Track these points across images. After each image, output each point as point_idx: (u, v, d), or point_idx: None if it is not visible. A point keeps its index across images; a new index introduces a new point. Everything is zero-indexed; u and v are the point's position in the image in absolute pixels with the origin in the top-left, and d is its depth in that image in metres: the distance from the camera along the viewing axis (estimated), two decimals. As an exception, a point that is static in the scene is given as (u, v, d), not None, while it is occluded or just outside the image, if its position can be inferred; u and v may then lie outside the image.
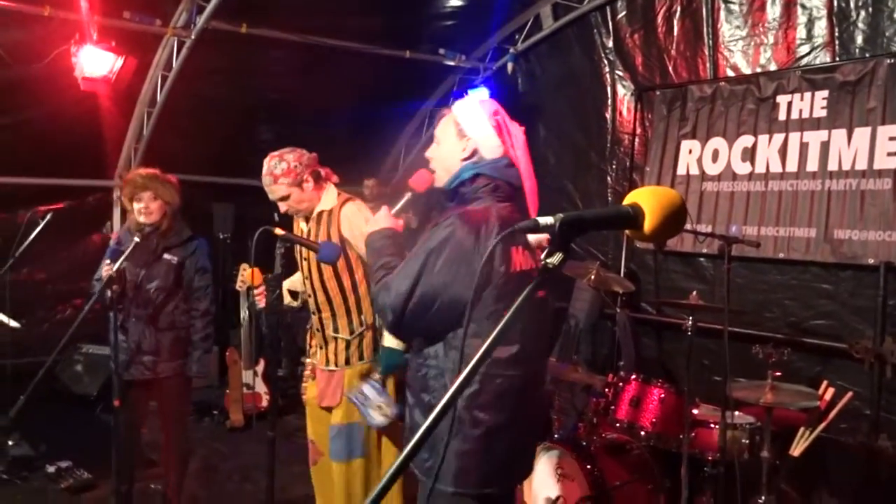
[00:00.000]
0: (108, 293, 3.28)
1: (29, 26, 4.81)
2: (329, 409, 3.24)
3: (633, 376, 3.72)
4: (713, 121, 4.89)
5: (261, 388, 6.06)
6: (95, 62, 4.94)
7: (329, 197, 3.21)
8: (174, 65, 5.43)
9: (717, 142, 4.86)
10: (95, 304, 3.45)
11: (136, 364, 3.55)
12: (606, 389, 3.77)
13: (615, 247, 5.39)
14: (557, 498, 3.59)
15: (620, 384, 3.73)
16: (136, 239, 3.31)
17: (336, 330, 3.19)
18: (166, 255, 3.62)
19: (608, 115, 5.60)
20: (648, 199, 1.20)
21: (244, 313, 5.61)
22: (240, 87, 6.03)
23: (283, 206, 3.19)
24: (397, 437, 3.21)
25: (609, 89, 5.59)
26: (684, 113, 5.06)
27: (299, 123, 5.66)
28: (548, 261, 1.15)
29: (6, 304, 4.94)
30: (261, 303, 3.26)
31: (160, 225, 3.58)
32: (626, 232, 1.23)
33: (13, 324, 4.75)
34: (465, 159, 2.13)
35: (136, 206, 3.57)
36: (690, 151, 5.01)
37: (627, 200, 1.22)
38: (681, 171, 5.04)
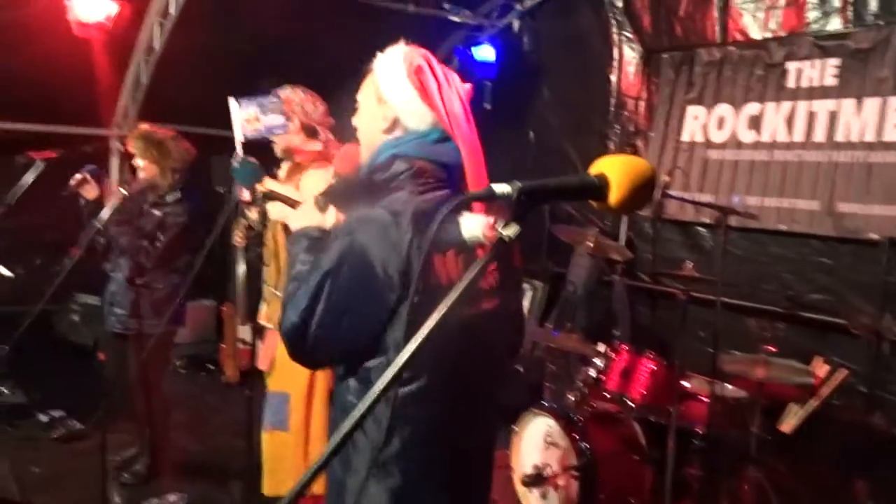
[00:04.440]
0: (100, 242, 3.32)
1: (20, -32, 4.68)
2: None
3: (625, 347, 3.68)
4: (720, 86, 4.76)
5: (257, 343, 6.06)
6: (90, 7, 4.83)
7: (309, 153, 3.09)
8: (171, 11, 5.29)
9: (724, 108, 4.74)
10: (85, 254, 3.48)
11: (110, 316, 3.58)
12: (598, 360, 3.74)
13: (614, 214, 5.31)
14: (544, 466, 3.58)
15: (612, 355, 3.69)
16: (123, 192, 3.31)
17: (278, 287, 3.08)
18: (154, 210, 3.62)
19: (613, 78, 5.46)
20: (615, 169, 1.11)
21: (241, 268, 5.57)
22: (238, 35, 5.87)
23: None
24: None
25: (616, 51, 5.44)
26: (691, 77, 4.93)
27: (300, 75, 5.51)
28: (503, 232, 1.04)
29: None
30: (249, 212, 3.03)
31: (154, 181, 3.60)
32: (592, 203, 1.13)
33: (6, 273, 4.74)
34: (386, 131, 1.67)
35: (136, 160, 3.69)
36: (696, 117, 4.89)
37: (594, 170, 1.13)
38: (685, 137, 4.93)
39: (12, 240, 5.31)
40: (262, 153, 3.17)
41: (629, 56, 5.39)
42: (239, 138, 2.46)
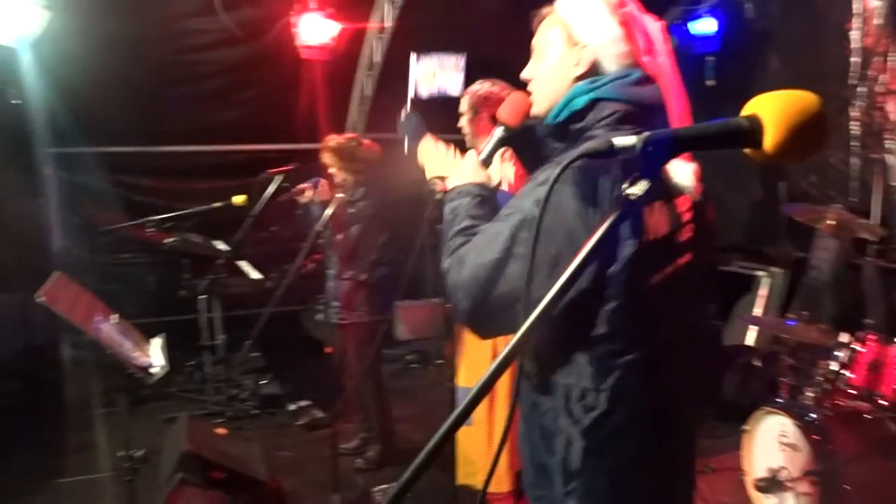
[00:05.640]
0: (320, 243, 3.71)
1: (256, 1, 5.20)
2: None
3: (873, 337, 3.22)
4: None
5: (481, 339, 6.19)
6: (315, 30, 5.26)
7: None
8: (386, 25, 5.59)
9: None
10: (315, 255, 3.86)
11: (329, 310, 3.93)
12: (841, 352, 3.31)
13: (861, 187, 4.69)
14: (780, 469, 3.25)
15: (858, 346, 3.25)
16: (340, 194, 3.61)
17: None
18: (350, 209, 3.93)
19: (854, 34, 4.80)
20: (769, 107, 0.93)
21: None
22: (452, 42, 6.06)
23: None
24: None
25: (856, 2, 4.79)
26: (956, 22, 4.21)
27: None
28: (629, 191, 0.92)
29: (251, 258, 5.57)
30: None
31: (345, 185, 3.89)
32: (746, 152, 0.95)
33: (256, 275, 5.32)
34: (580, 77, 1.48)
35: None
36: (964, 68, 4.17)
37: (746, 110, 0.95)
38: (950, 93, 4.22)
39: (262, 247, 5.94)
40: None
41: (873, 5, 4.72)
42: (411, 95, 2.48)
